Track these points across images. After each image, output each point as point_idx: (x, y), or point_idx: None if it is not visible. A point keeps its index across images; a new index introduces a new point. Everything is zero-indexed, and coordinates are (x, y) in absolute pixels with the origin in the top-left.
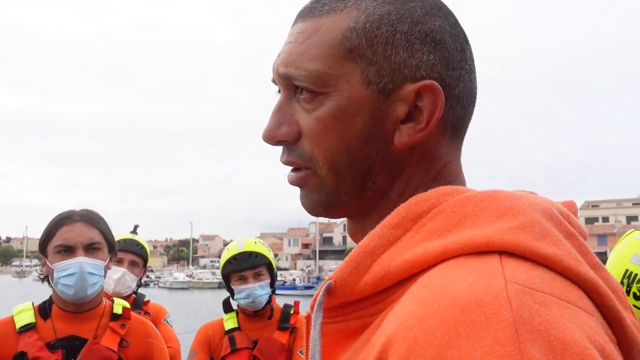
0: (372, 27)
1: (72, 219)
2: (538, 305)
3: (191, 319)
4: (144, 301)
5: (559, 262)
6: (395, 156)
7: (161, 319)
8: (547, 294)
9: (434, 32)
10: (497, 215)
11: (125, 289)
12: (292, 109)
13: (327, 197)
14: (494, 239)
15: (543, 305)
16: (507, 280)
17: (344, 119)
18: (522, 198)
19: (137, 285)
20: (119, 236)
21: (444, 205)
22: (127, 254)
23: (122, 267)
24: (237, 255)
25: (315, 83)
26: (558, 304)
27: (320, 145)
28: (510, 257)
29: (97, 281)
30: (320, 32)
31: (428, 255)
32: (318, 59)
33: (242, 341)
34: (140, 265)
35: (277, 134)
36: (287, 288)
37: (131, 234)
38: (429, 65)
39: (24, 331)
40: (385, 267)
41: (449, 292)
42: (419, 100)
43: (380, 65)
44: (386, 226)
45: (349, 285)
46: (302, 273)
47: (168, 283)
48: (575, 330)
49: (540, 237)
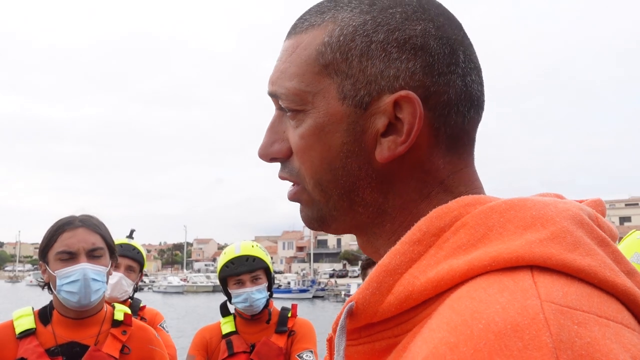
0: (345, 40)
1: (73, 224)
2: (577, 326)
3: (187, 323)
4: (140, 306)
5: (594, 274)
6: (380, 171)
7: (157, 324)
8: (585, 312)
9: (414, 37)
10: (525, 226)
11: (121, 294)
12: (283, 125)
13: (319, 213)
14: (524, 252)
15: (583, 325)
16: (543, 299)
17: (323, 135)
18: (549, 205)
19: (133, 290)
20: (115, 241)
21: (467, 217)
22: (124, 258)
23: (118, 272)
24: (234, 259)
25: (294, 101)
26: (598, 322)
27: (305, 162)
28: (542, 272)
29: (100, 287)
30: (298, 49)
31: (454, 273)
32: (296, 76)
33: (239, 345)
34: (136, 270)
35: (270, 152)
36: (282, 291)
37: (127, 239)
38: (409, 74)
39: (23, 337)
40: (409, 287)
41: (482, 315)
42: (398, 111)
43: (356, 78)
44: (407, 242)
45: (372, 307)
46: (297, 276)
47: (162, 287)
48: (619, 351)
49: (573, 248)
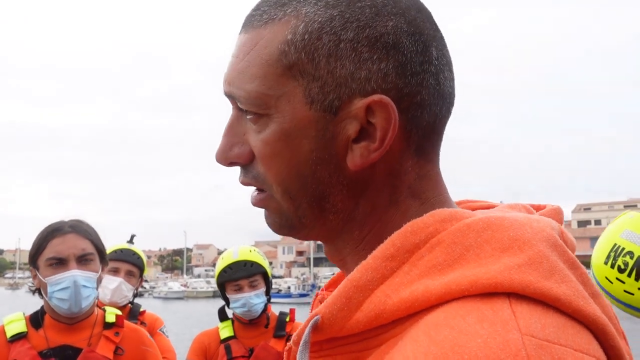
0: (311, 38)
1: (63, 230)
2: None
3: (188, 328)
4: (140, 311)
5: (568, 303)
6: (351, 178)
7: (157, 329)
8: (562, 345)
9: (385, 35)
10: (502, 249)
11: (121, 299)
12: (243, 127)
13: (288, 220)
14: (502, 279)
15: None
16: (523, 333)
17: (289, 142)
18: (525, 225)
19: (133, 295)
20: (115, 246)
21: (443, 234)
22: (124, 263)
23: (118, 277)
24: (232, 264)
25: (255, 105)
26: (574, 355)
27: (271, 168)
28: (520, 301)
29: (90, 294)
30: (258, 46)
31: (429, 295)
32: (256, 78)
33: (238, 350)
34: (136, 275)
35: (229, 156)
36: (282, 296)
37: (127, 244)
38: (381, 76)
39: (15, 340)
40: (380, 306)
41: (463, 349)
42: (370, 116)
43: (324, 80)
44: (379, 258)
45: (338, 322)
46: (296, 281)
47: (163, 293)
48: None
49: (549, 275)
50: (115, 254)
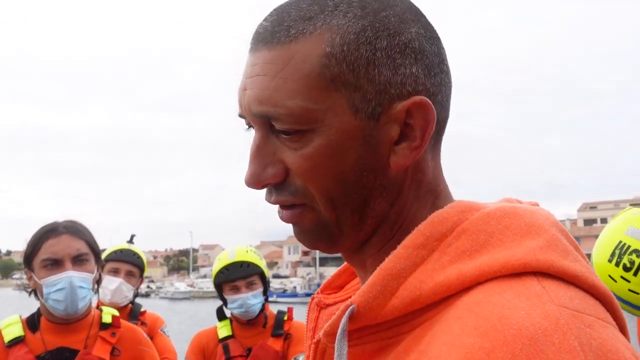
0: (350, 50)
1: (57, 231)
2: (588, 328)
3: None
4: (141, 311)
5: (584, 279)
6: (392, 179)
7: (158, 329)
8: (589, 314)
9: (412, 41)
10: (522, 234)
11: (122, 299)
12: (272, 146)
13: (327, 230)
14: (529, 260)
15: (592, 327)
16: (557, 304)
17: (336, 153)
18: (535, 213)
19: (133, 295)
20: (115, 246)
21: (466, 223)
22: (124, 264)
23: (118, 277)
24: (229, 265)
25: (299, 121)
26: (599, 324)
27: (314, 181)
28: (545, 278)
29: (86, 294)
30: (293, 61)
31: (464, 277)
32: (298, 94)
33: (236, 349)
34: (136, 275)
35: (264, 178)
36: (288, 296)
37: (127, 244)
38: (414, 79)
39: (13, 345)
40: (416, 291)
41: (510, 321)
42: (409, 117)
43: (366, 89)
44: (410, 247)
45: (374, 310)
46: (302, 280)
47: (169, 293)
48: (624, 349)
49: (565, 255)
50: (115, 255)
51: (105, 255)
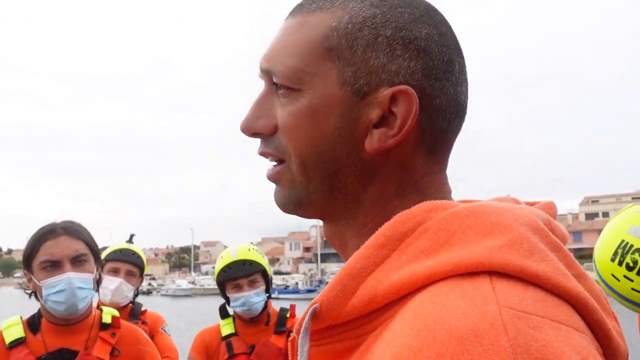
0: (354, 29)
1: (55, 232)
2: (533, 330)
3: (197, 325)
4: (141, 311)
5: (547, 279)
6: (366, 161)
7: (159, 328)
8: (540, 316)
9: (418, 39)
10: (485, 233)
11: (122, 299)
12: (271, 102)
13: (297, 194)
14: (483, 259)
15: (538, 329)
16: (501, 305)
17: (316, 117)
18: (507, 212)
19: (134, 295)
20: (114, 246)
21: (429, 223)
22: (124, 263)
23: (118, 277)
24: (231, 264)
25: (290, 79)
26: (551, 325)
27: (292, 139)
28: (500, 278)
29: (86, 295)
30: (303, 29)
31: (416, 277)
32: (296, 55)
33: (239, 346)
34: (136, 275)
35: (254, 126)
36: (290, 292)
37: (127, 244)
38: (409, 72)
39: (14, 346)
40: (372, 290)
41: (444, 321)
42: (394, 105)
43: (358, 67)
44: (371, 246)
45: (335, 309)
46: (304, 277)
47: (171, 291)
48: (571, 353)
49: (529, 254)
50: (114, 254)
51: (105, 255)
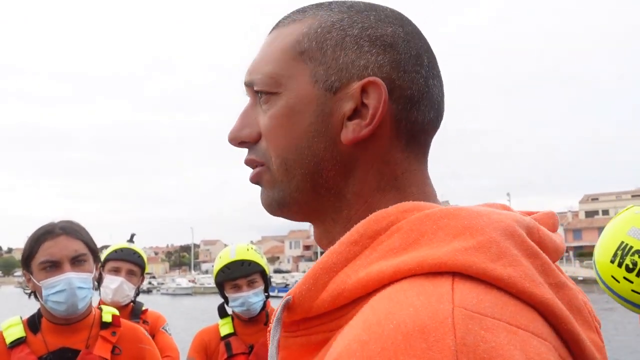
0: (323, 32)
1: (54, 232)
2: (485, 331)
3: (198, 323)
4: (142, 310)
5: (512, 284)
6: (344, 154)
7: (160, 327)
8: (495, 318)
9: (385, 36)
10: (454, 234)
11: (123, 298)
12: (255, 112)
13: (280, 193)
14: (447, 259)
15: (490, 331)
16: (455, 305)
17: (292, 115)
18: (482, 216)
19: (135, 294)
20: (115, 245)
21: (402, 222)
22: (124, 263)
23: (119, 276)
24: (230, 264)
25: (268, 84)
26: (507, 329)
27: (272, 140)
28: (463, 280)
29: (86, 294)
30: (278, 39)
31: (382, 274)
32: (272, 62)
33: (238, 346)
34: (137, 274)
35: (240, 135)
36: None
37: (128, 243)
38: (377, 66)
39: (14, 346)
40: (341, 285)
41: (394, 317)
42: (365, 97)
43: (329, 65)
44: (345, 243)
45: (307, 302)
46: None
47: (171, 289)
48: (520, 357)
49: (496, 258)
50: (115, 254)
51: (106, 255)
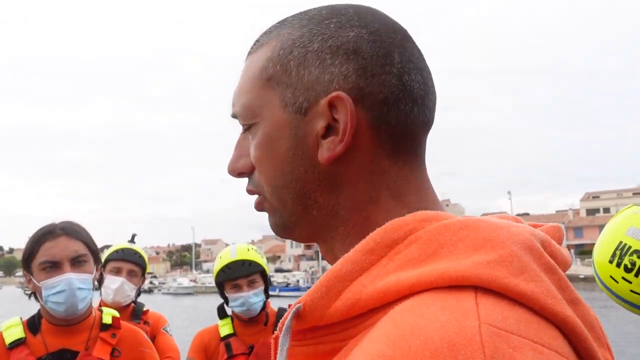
0: (285, 53)
1: (54, 233)
2: (512, 350)
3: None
4: (143, 311)
5: (535, 300)
6: (326, 173)
7: (161, 328)
8: (521, 336)
9: (346, 43)
10: (475, 247)
11: (124, 299)
12: (247, 142)
13: (280, 219)
14: (470, 273)
15: (517, 349)
16: (482, 321)
17: (271, 143)
18: (502, 228)
19: (136, 294)
20: (116, 246)
21: (421, 232)
22: (125, 263)
23: (120, 276)
24: (230, 264)
25: (247, 116)
26: (532, 347)
27: (261, 171)
28: (486, 294)
29: (86, 295)
30: (249, 68)
31: (400, 286)
32: (245, 93)
33: (238, 347)
34: (138, 275)
35: (237, 167)
36: (291, 290)
37: (129, 243)
38: (342, 77)
39: (14, 347)
40: (356, 295)
41: (420, 332)
42: (335, 112)
43: (295, 87)
44: (360, 251)
45: (319, 310)
46: (305, 274)
47: (172, 289)
48: None
49: (518, 273)
50: (116, 254)
51: (107, 255)
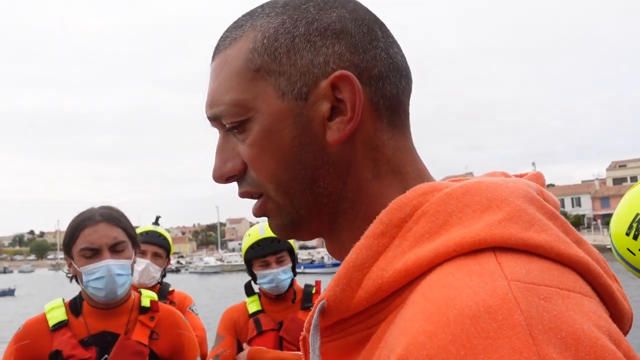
0: (270, 41)
1: (94, 219)
2: (543, 301)
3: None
4: (169, 291)
5: (550, 248)
6: (336, 155)
7: (186, 307)
8: (548, 286)
9: (332, 24)
10: (482, 209)
11: (149, 280)
12: (231, 143)
13: (288, 217)
14: (485, 235)
15: (548, 299)
16: (509, 279)
17: (272, 136)
18: (501, 186)
19: (161, 276)
20: (141, 228)
21: (426, 205)
22: (150, 245)
23: (145, 258)
24: (259, 241)
25: (236, 113)
26: (560, 294)
27: (261, 168)
28: (504, 252)
29: (125, 281)
30: (227, 64)
31: (421, 262)
32: (231, 89)
33: (267, 323)
34: (163, 256)
35: (225, 172)
36: (316, 266)
37: (153, 226)
38: (337, 57)
39: (57, 329)
40: (378, 280)
41: (454, 302)
42: (337, 93)
43: (290, 73)
44: (371, 236)
45: (344, 303)
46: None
47: (199, 268)
48: (584, 321)
49: (529, 226)
50: (141, 237)
51: None
